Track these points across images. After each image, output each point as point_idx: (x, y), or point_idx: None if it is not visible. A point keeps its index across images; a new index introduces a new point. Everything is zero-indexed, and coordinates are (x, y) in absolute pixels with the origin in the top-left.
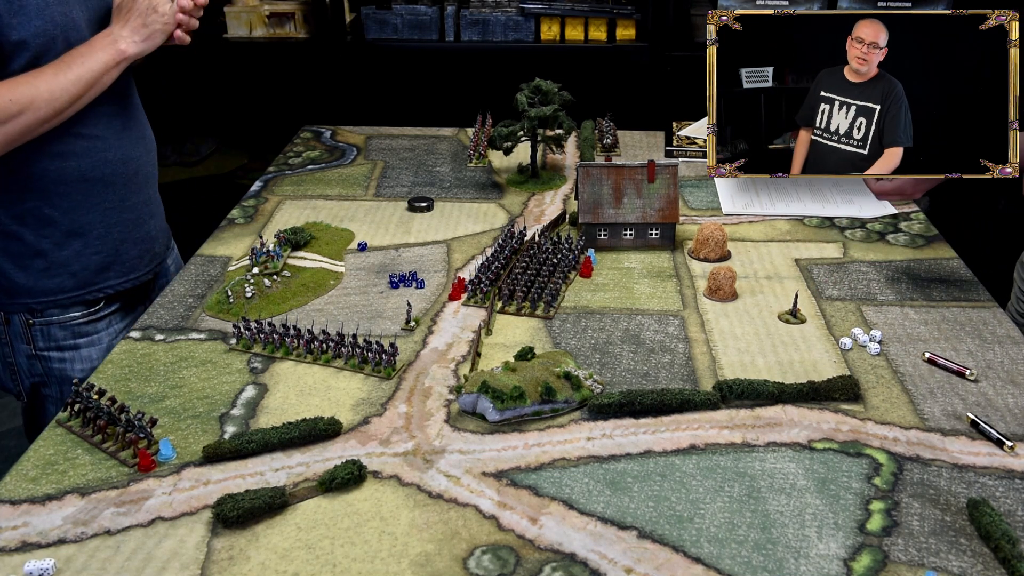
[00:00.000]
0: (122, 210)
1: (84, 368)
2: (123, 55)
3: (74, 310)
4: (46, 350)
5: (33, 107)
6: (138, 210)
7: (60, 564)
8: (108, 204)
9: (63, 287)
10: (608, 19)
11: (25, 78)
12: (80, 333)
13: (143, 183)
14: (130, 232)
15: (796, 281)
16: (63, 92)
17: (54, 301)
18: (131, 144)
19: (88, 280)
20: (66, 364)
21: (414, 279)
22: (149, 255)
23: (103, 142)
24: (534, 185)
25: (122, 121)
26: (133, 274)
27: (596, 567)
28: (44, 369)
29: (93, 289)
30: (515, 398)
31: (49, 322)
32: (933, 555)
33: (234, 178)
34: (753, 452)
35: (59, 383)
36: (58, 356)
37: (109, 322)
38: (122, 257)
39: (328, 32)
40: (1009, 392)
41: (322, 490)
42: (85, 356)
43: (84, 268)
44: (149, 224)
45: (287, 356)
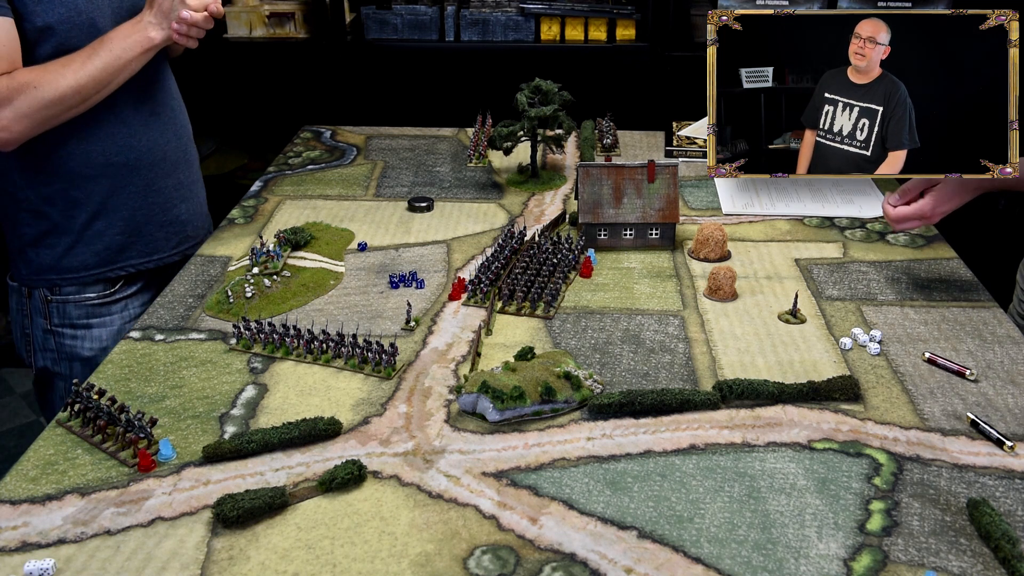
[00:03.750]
0: (148, 194)
1: (93, 348)
2: (152, 42)
3: (92, 289)
4: (60, 327)
5: (60, 94)
6: (166, 194)
7: (60, 564)
8: (134, 188)
9: (86, 264)
10: (608, 19)
11: (53, 66)
12: (94, 314)
13: (171, 168)
14: (155, 215)
15: (796, 281)
16: (90, 79)
17: (76, 278)
18: (159, 130)
19: (110, 258)
20: (77, 342)
21: (414, 279)
22: (177, 237)
23: (128, 127)
24: (534, 185)
25: (150, 107)
26: (156, 254)
27: (596, 567)
28: (56, 345)
29: (115, 267)
30: (515, 398)
31: (66, 300)
32: (933, 555)
33: (234, 178)
34: (753, 452)
35: (68, 360)
36: (71, 333)
37: (124, 305)
38: (145, 237)
39: (328, 32)
40: (1009, 392)
41: (322, 490)
42: (96, 336)
43: (107, 248)
44: (179, 208)
45: (287, 356)
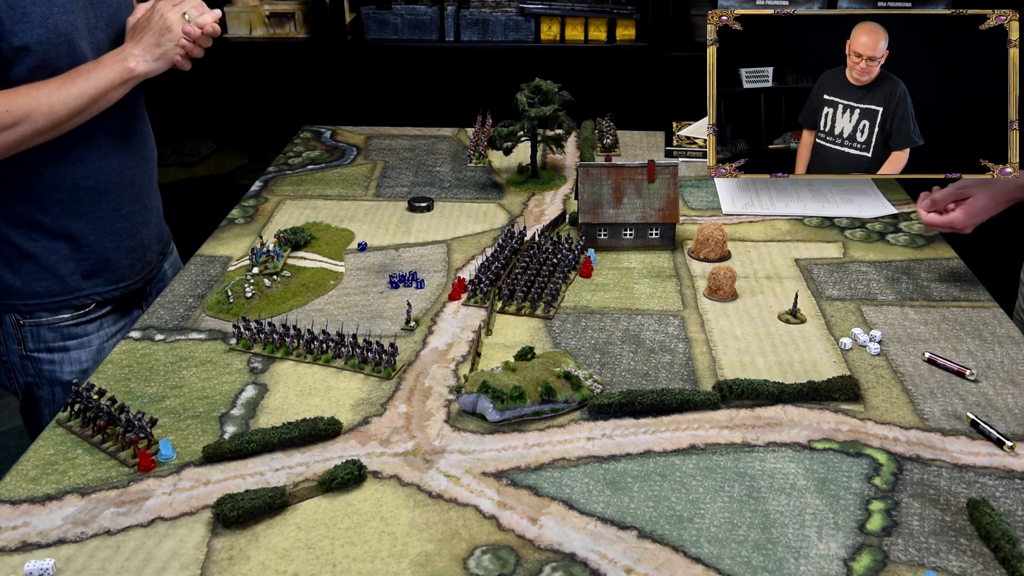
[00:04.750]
0: (115, 219)
1: (74, 371)
2: (132, 73)
3: (63, 313)
4: (36, 351)
5: (31, 119)
6: (132, 219)
7: (60, 564)
8: (101, 213)
9: (51, 291)
10: (608, 19)
11: (26, 89)
12: (70, 335)
13: (139, 193)
14: (122, 241)
15: (796, 281)
16: (63, 106)
17: (42, 304)
18: (129, 155)
19: (76, 286)
20: (55, 366)
21: (414, 279)
22: (140, 264)
23: (100, 151)
24: (534, 185)
25: (122, 132)
26: (123, 283)
27: (596, 567)
28: (36, 370)
29: (81, 295)
30: (515, 398)
31: (39, 323)
32: (933, 555)
33: (234, 178)
34: (753, 452)
35: (50, 384)
36: (47, 358)
37: (100, 324)
38: (112, 265)
39: (328, 32)
40: (1009, 392)
41: (322, 490)
42: (75, 358)
43: (72, 273)
44: (142, 233)
45: (287, 356)
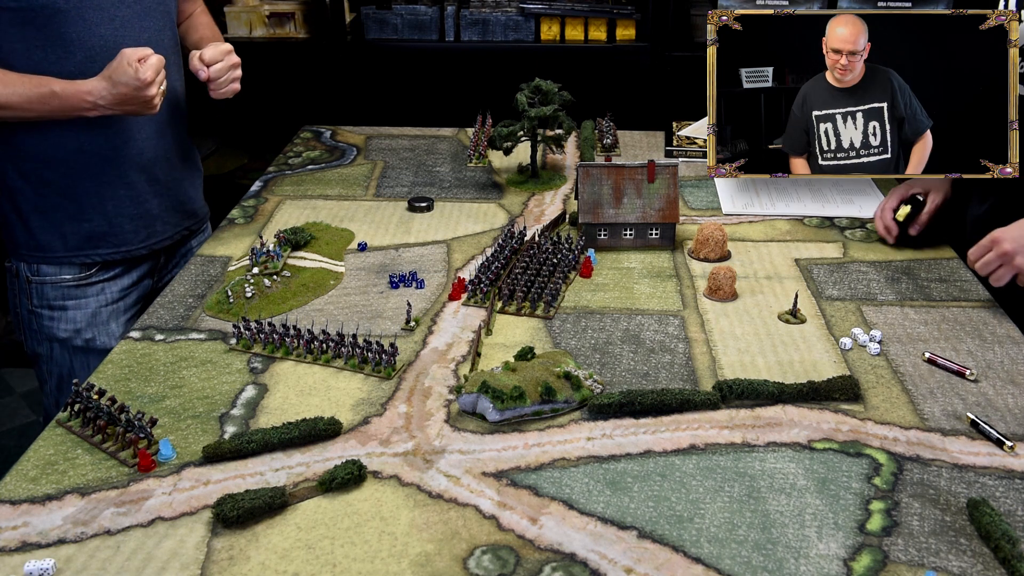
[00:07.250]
0: (119, 186)
1: (68, 329)
2: (92, 111)
3: (68, 271)
4: (39, 307)
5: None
6: (138, 188)
7: (60, 564)
8: (105, 178)
9: (52, 246)
10: (608, 19)
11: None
12: (70, 295)
13: (149, 164)
14: (126, 208)
15: (796, 281)
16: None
17: (45, 258)
18: (139, 126)
19: (79, 245)
20: (53, 323)
21: (414, 279)
22: (146, 231)
23: (107, 118)
24: (534, 185)
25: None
26: (125, 247)
27: (596, 567)
28: (38, 326)
29: (81, 255)
30: (515, 398)
31: (43, 281)
32: (933, 555)
33: (234, 178)
34: (753, 452)
35: (48, 341)
36: (48, 315)
37: (101, 288)
38: (116, 229)
39: (328, 32)
40: (1009, 392)
41: (322, 490)
42: (71, 318)
43: (75, 233)
44: (151, 203)
45: (287, 356)
